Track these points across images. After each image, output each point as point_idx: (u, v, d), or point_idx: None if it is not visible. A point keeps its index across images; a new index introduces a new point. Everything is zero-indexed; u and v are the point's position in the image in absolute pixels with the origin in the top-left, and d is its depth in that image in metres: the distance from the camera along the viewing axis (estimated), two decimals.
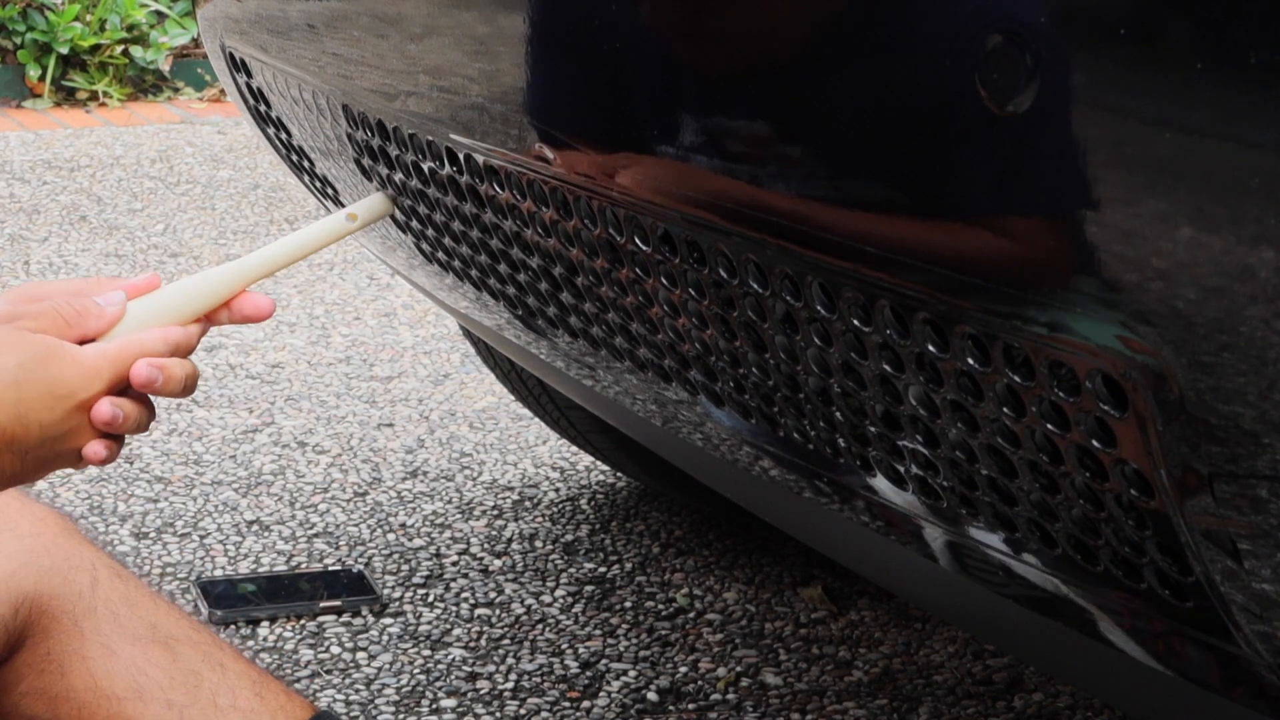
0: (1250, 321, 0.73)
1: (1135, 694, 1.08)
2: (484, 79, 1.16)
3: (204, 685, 1.27)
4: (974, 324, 0.87)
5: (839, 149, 0.91)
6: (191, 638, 1.30)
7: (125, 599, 1.30)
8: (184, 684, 1.27)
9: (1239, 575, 0.82)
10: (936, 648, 2.01)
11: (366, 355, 3.02)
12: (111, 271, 3.49)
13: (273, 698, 1.29)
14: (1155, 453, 0.81)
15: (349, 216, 1.25)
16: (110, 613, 1.28)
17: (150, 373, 1.10)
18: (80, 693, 1.26)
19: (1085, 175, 0.77)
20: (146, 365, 1.10)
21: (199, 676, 1.28)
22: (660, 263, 1.09)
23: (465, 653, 1.99)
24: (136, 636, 1.28)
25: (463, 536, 2.30)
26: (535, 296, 1.33)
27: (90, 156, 4.53)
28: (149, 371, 1.10)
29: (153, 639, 1.29)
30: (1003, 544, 1.00)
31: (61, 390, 1.07)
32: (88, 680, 1.27)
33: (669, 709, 1.88)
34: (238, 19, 1.55)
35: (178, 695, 1.27)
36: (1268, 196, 0.70)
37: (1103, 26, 0.74)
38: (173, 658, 1.28)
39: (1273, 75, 0.69)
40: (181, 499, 2.38)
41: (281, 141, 1.69)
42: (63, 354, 1.08)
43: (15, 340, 1.07)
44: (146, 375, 1.10)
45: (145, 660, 1.27)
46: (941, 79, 0.82)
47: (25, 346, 1.06)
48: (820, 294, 0.97)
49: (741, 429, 1.20)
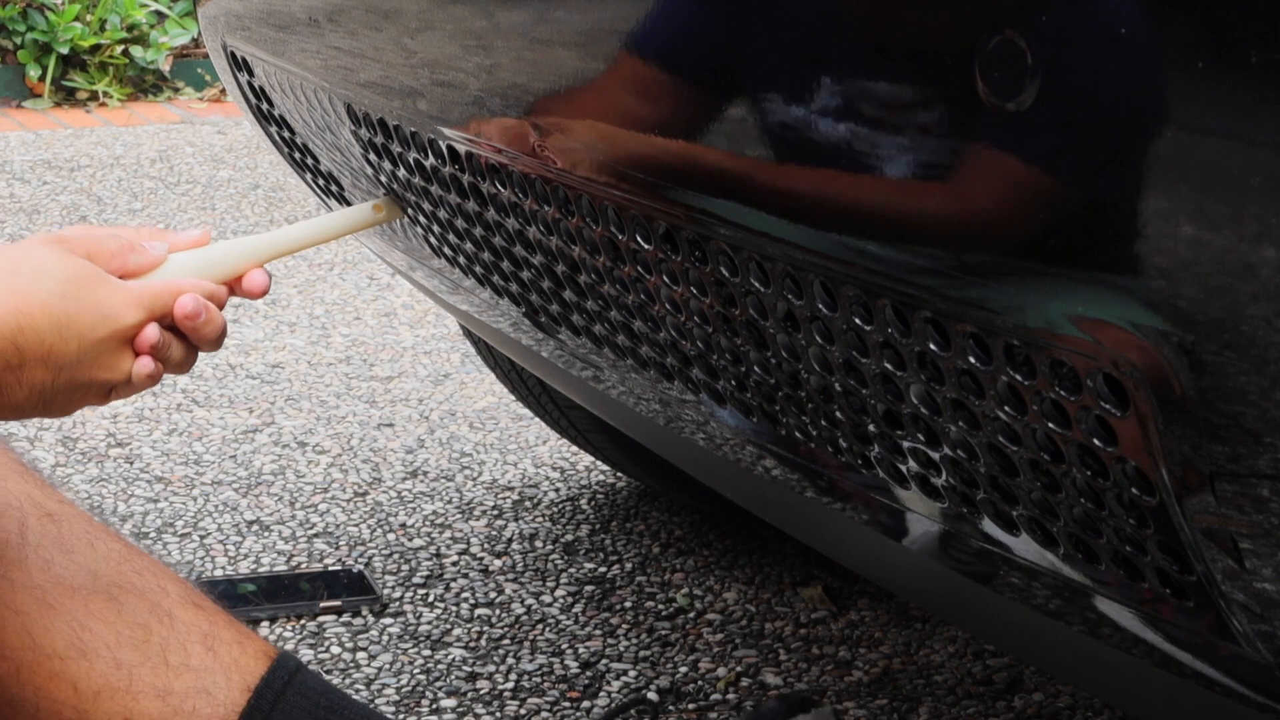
0: (1252, 320, 0.73)
1: (1135, 694, 1.08)
2: (487, 75, 1.17)
3: (153, 640, 1.20)
4: (975, 322, 0.87)
5: (839, 148, 0.91)
6: (135, 585, 1.21)
7: (59, 543, 1.21)
8: (131, 639, 1.19)
9: (1240, 574, 0.82)
10: (936, 648, 2.01)
11: (366, 355, 3.02)
12: None
13: (225, 650, 1.21)
14: (1156, 451, 0.81)
15: (375, 207, 1.31)
16: (43, 561, 1.19)
17: (196, 305, 1.12)
18: (17, 650, 1.18)
19: (1086, 174, 0.77)
20: (193, 298, 1.12)
21: (147, 630, 1.20)
22: (662, 260, 1.09)
23: (465, 653, 1.99)
24: (75, 587, 1.19)
25: (463, 536, 2.30)
26: (538, 294, 1.33)
27: (90, 156, 4.53)
28: (195, 304, 1.12)
29: (94, 589, 1.20)
30: (1003, 542, 1.00)
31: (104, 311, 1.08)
32: (24, 638, 1.18)
33: (669, 709, 1.88)
34: (239, 17, 1.55)
35: (125, 653, 1.19)
36: (1268, 195, 0.70)
37: (1103, 26, 0.75)
38: (117, 610, 1.20)
39: (1273, 75, 0.69)
40: (181, 499, 2.38)
41: (284, 140, 1.69)
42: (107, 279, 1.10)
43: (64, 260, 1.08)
44: (193, 306, 1.12)
45: (87, 614, 1.19)
46: (942, 76, 0.82)
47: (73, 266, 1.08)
48: (821, 292, 0.97)
49: (743, 428, 1.20)
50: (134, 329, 1.10)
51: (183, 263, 1.16)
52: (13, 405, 1.07)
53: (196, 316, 1.12)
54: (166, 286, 1.12)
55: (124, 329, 1.10)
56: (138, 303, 1.10)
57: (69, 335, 1.07)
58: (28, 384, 1.06)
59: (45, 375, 1.06)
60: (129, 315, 1.10)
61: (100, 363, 1.09)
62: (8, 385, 1.05)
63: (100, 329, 1.08)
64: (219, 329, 1.14)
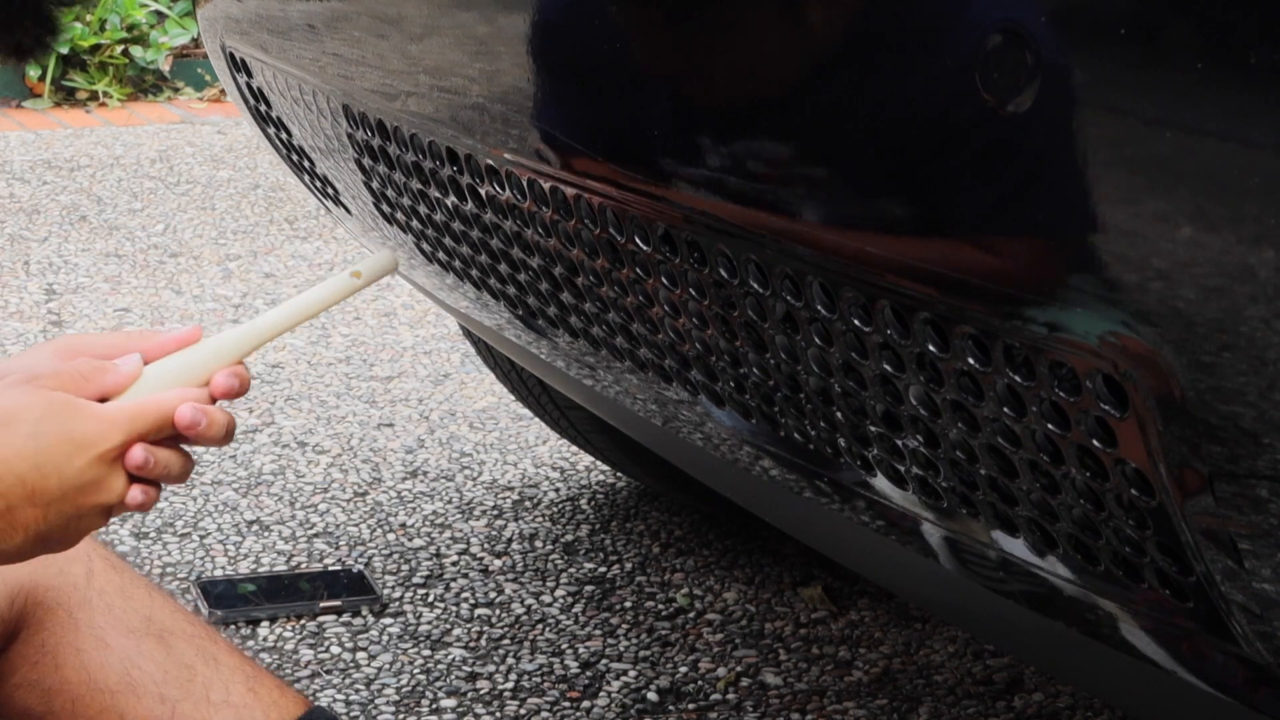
0: (1250, 321, 0.73)
1: (1135, 693, 1.08)
2: (484, 79, 1.16)
3: (197, 679, 1.28)
4: (974, 324, 0.87)
5: (839, 149, 0.91)
6: (186, 631, 1.30)
7: (120, 591, 1.30)
8: (177, 678, 1.28)
9: (1239, 574, 0.82)
10: (936, 648, 2.01)
11: (366, 355, 3.02)
12: (112, 270, 3.49)
13: (266, 693, 1.29)
14: (1155, 452, 0.81)
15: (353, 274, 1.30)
16: (105, 605, 1.28)
17: (194, 415, 1.10)
18: (74, 685, 1.27)
19: (1085, 175, 0.77)
20: (190, 408, 1.10)
21: (192, 670, 1.28)
22: (660, 262, 1.09)
23: (465, 653, 1.99)
24: (131, 629, 1.28)
25: (463, 536, 2.30)
26: (536, 296, 1.33)
27: (90, 156, 4.53)
28: (193, 414, 1.10)
29: (147, 632, 1.29)
30: (1003, 543, 1.00)
31: (79, 440, 1.08)
32: (81, 673, 1.27)
33: (669, 709, 1.88)
34: (238, 19, 1.55)
35: (171, 689, 1.27)
36: (1267, 196, 0.70)
37: (1103, 26, 0.74)
38: (166, 651, 1.28)
39: (1273, 75, 0.69)
40: (181, 499, 2.38)
41: (282, 141, 1.69)
42: (79, 407, 1.09)
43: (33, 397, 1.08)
44: (191, 416, 1.10)
45: (139, 653, 1.28)
46: (942, 78, 0.82)
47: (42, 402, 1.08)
48: (820, 294, 0.97)
49: (742, 429, 1.20)
50: (117, 450, 1.09)
51: (159, 374, 1.13)
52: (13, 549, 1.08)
53: (197, 425, 1.11)
54: (144, 405, 1.11)
55: (104, 453, 1.09)
56: (114, 425, 1.09)
57: (48, 472, 1.07)
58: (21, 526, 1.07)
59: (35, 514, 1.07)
60: (108, 439, 1.09)
61: (87, 490, 1.09)
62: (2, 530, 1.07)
63: (78, 459, 1.08)
64: (224, 427, 1.12)
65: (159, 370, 1.14)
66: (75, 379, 1.11)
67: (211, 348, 1.15)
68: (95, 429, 1.09)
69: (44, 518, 1.08)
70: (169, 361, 1.14)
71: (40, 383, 1.10)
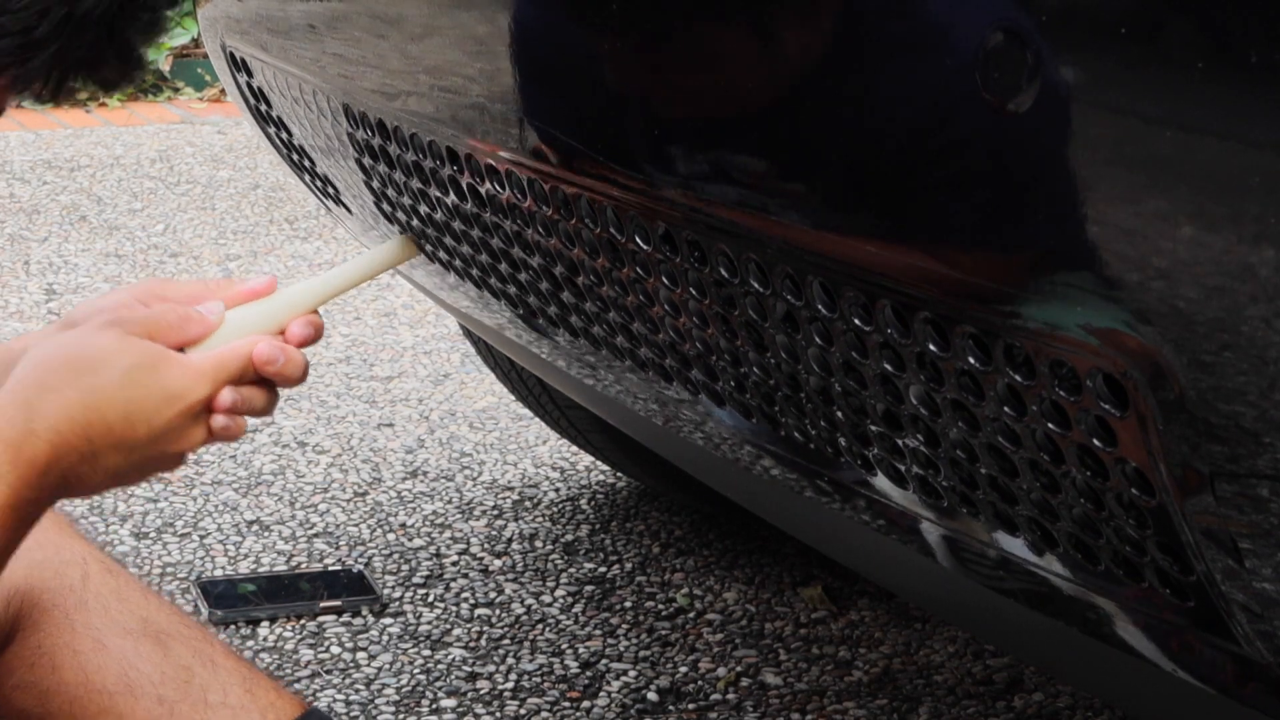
0: (1251, 320, 0.73)
1: (1135, 693, 1.08)
2: (484, 79, 1.17)
3: (195, 681, 1.28)
4: (974, 323, 0.87)
5: (838, 148, 0.91)
6: (183, 633, 1.31)
7: (116, 593, 1.30)
8: (175, 679, 1.28)
9: (1240, 574, 0.82)
10: (936, 648, 2.01)
11: (366, 355, 3.02)
12: (112, 270, 3.49)
13: (263, 694, 1.30)
14: (1156, 452, 0.81)
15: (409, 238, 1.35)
16: (101, 607, 1.29)
17: (272, 350, 1.15)
18: (71, 687, 1.27)
19: (1086, 174, 0.77)
20: (269, 344, 1.15)
21: (190, 672, 1.28)
22: (661, 262, 1.09)
23: (465, 653, 1.99)
24: (128, 630, 1.29)
25: (463, 536, 2.30)
26: (536, 296, 1.33)
27: (90, 156, 4.53)
28: (271, 349, 1.15)
29: (144, 633, 1.29)
30: (1003, 542, 1.00)
31: (169, 392, 1.11)
32: (79, 674, 1.27)
33: (669, 709, 1.88)
34: (238, 19, 1.55)
35: (168, 690, 1.27)
36: (1268, 195, 0.70)
37: (1103, 26, 0.75)
38: (164, 653, 1.29)
39: (1273, 75, 0.69)
40: (181, 499, 2.38)
41: (282, 141, 1.69)
42: (170, 360, 1.12)
43: (125, 346, 1.11)
44: (269, 352, 1.15)
45: (136, 655, 1.28)
46: (942, 78, 0.82)
47: (135, 352, 1.11)
48: (821, 293, 0.97)
49: (742, 428, 1.20)
50: (203, 402, 1.13)
51: (240, 321, 1.17)
52: (90, 487, 1.11)
53: (275, 361, 1.15)
54: (226, 356, 1.14)
55: (192, 405, 1.12)
56: (201, 376, 1.13)
57: (137, 421, 1.10)
58: (103, 470, 1.10)
59: (119, 459, 1.10)
60: (196, 391, 1.12)
61: (171, 439, 1.12)
62: (85, 474, 1.09)
63: (167, 410, 1.11)
64: (301, 367, 1.17)
65: (238, 317, 1.17)
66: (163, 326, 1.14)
67: (286, 298, 1.20)
68: (184, 382, 1.12)
69: (126, 461, 1.11)
70: (247, 309, 1.18)
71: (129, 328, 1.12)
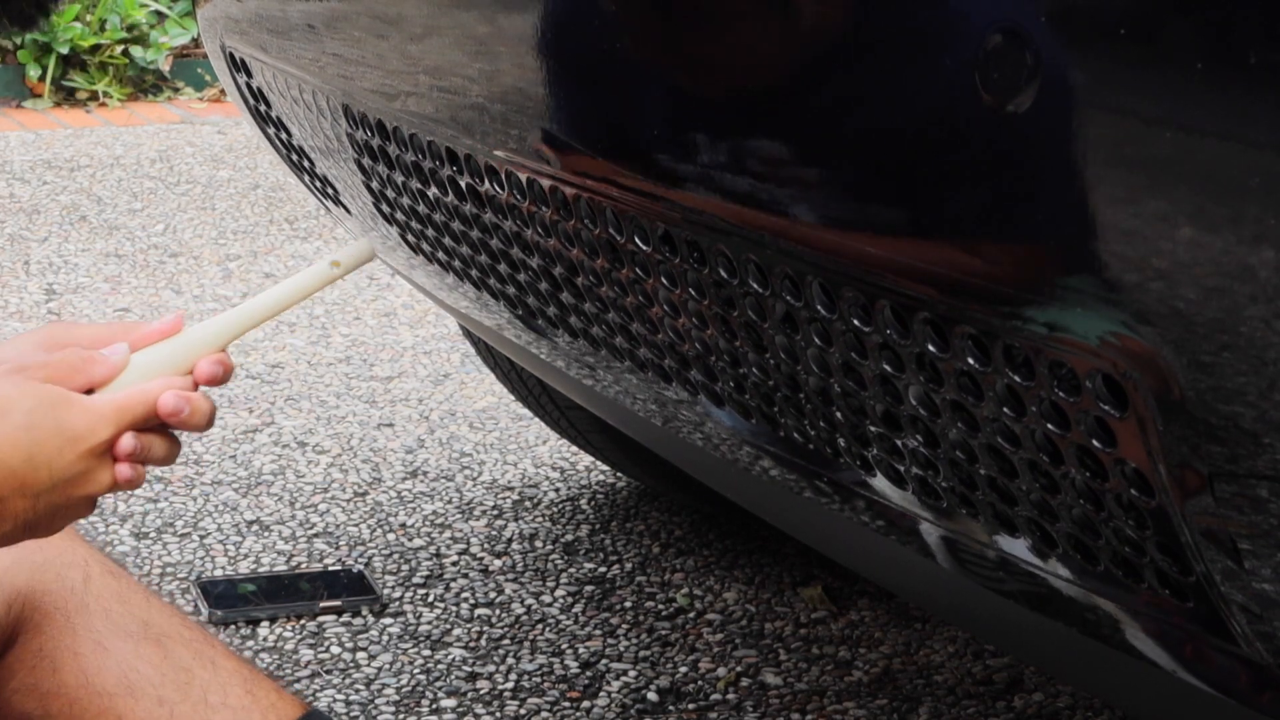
0: (1250, 321, 0.73)
1: (1135, 693, 1.08)
2: (484, 79, 1.16)
3: (195, 682, 1.28)
4: (974, 324, 0.87)
5: (838, 148, 0.91)
6: (184, 635, 1.31)
7: (118, 595, 1.30)
8: (175, 680, 1.28)
9: (1239, 575, 0.82)
10: (936, 648, 2.01)
11: (366, 355, 3.02)
12: (112, 270, 3.49)
13: (264, 695, 1.30)
14: (1155, 452, 0.81)
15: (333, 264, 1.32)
16: (103, 609, 1.29)
17: (177, 402, 1.13)
18: (72, 689, 1.27)
19: (1085, 174, 0.77)
20: (174, 395, 1.13)
21: (190, 673, 1.29)
22: (660, 262, 1.09)
23: (465, 653, 1.99)
24: (128, 633, 1.29)
25: (463, 536, 2.30)
26: (536, 296, 1.33)
27: (90, 156, 4.53)
28: (176, 401, 1.13)
29: (145, 635, 1.29)
30: (1003, 543, 1.00)
31: (71, 433, 1.10)
32: (79, 676, 1.27)
33: (669, 709, 1.88)
34: (238, 19, 1.55)
35: (169, 692, 1.28)
36: (1268, 196, 0.70)
37: (1103, 26, 0.74)
38: (164, 654, 1.29)
39: (1273, 75, 0.69)
40: (181, 499, 2.38)
41: (282, 141, 1.69)
42: (71, 401, 1.11)
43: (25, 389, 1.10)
44: (174, 404, 1.13)
45: (137, 657, 1.28)
46: (942, 78, 0.82)
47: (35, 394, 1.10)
48: (820, 294, 0.97)
49: (741, 429, 1.20)
50: (106, 444, 1.11)
51: (146, 363, 1.15)
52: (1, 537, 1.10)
53: (180, 412, 1.13)
54: (130, 399, 1.13)
55: (94, 447, 1.11)
56: (102, 418, 1.11)
57: (39, 464, 1.09)
58: (9, 516, 1.09)
59: (25, 504, 1.09)
60: (98, 433, 1.11)
61: (76, 482, 1.11)
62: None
63: (69, 452, 1.10)
64: (206, 415, 1.15)
65: (144, 359, 1.16)
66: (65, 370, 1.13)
67: (195, 336, 1.17)
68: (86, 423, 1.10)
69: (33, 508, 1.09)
70: (153, 351, 1.16)
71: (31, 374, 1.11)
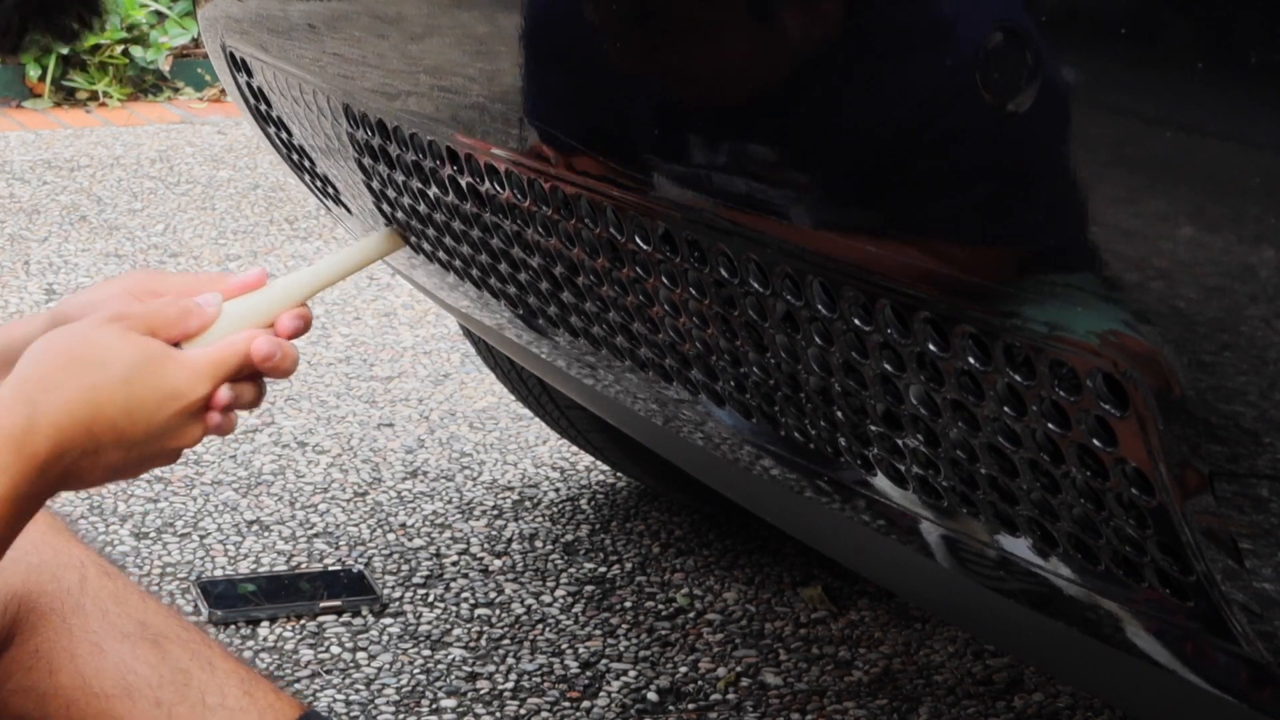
0: (1250, 321, 0.73)
1: (1135, 693, 1.08)
2: (484, 79, 1.17)
3: (192, 683, 1.29)
4: (974, 323, 0.87)
5: (838, 149, 0.91)
6: (180, 636, 1.31)
7: (114, 596, 1.31)
8: (172, 682, 1.28)
9: (1239, 574, 0.82)
10: (936, 648, 2.01)
11: (366, 355, 3.02)
12: (112, 270, 3.49)
13: (261, 696, 1.30)
14: (1156, 452, 0.81)
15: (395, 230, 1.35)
16: (99, 610, 1.29)
17: (271, 346, 1.17)
18: (68, 690, 1.27)
19: (1085, 174, 0.77)
20: (267, 340, 1.17)
21: (188, 674, 1.29)
22: (661, 262, 1.09)
23: (465, 653, 1.99)
24: (125, 634, 1.29)
25: (463, 536, 2.30)
26: (536, 296, 1.33)
27: (90, 156, 4.53)
28: (270, 345, 1.17)
29: (141, 637, 1.30)
30: (1003, 543, 1.00)
31: (170, 390, 1.12)
32: (76, 678, 1.27)
33: (669, 709, 1.88)
34: (238, 19, 1.55)
35: (166, 693, 1.28)
36: (1268, 196, 0.70)
37: (1103, 26, 0.75)
38: (161, 655, 1.29)
39: (1273, 75, 0.69)
40: (181, 499, 2.38)
41: (282, 141, 1.69)
42: (171, 358, 1.13)
43: (127, 342, 1.12)
44: (268, 348, 1.17)
45: (134, 658, 1.28)
46: (942, 78, 0.82)
47: (136, 349, 1.12)
48: (821, 293, 0.97)
49: (742, 428, 1.20)
50: (202, 400, 1.14)
51: (235, 314, 1.19)
52: (90, 482, 1.12)
53: (273, 356, 1.16)
54: (224, 353, 1.15)
55: (192, 403, 1.13)
56: (199, 375, 1.14)
57: (138, 418, 1.11)
58: (103, 465, 1.11)
59: (119, 454, 1.11)
60: (196, 390, 1.13)
61: (170, 436, 1.13)
62: (84, 469, 1.10)
63: (167, 408, 1.12)
64: (293, 360, 1.19)
65: (235, 310, 1.19)
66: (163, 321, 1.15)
67: (278, 290, 1.21)
68: (185, 381, 1.13)
69: (125, 457, 1.12)
70: (242, 302, 1.20)
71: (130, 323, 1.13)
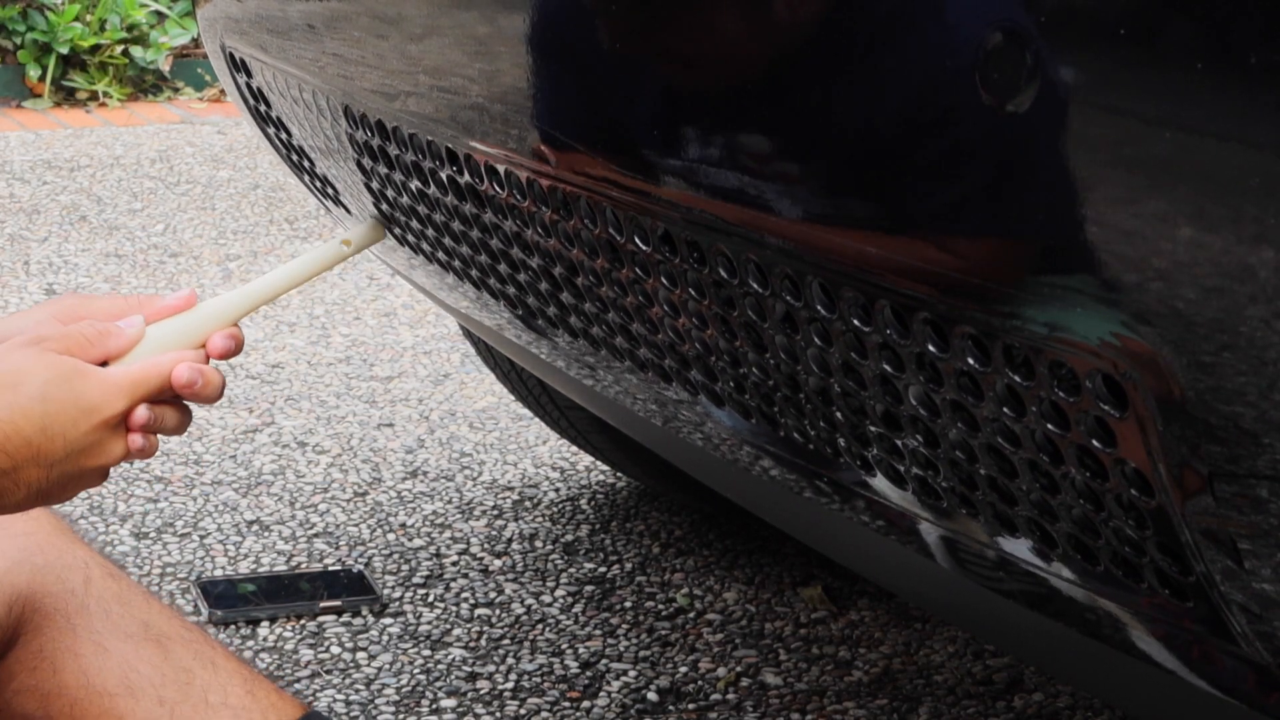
0: (1250, 321, 0.73)
1: (1135, 693, 1.08)
2: (484, 79, 1.17)
3: (195, 682, 1.29)
4: (974, 324, 0.87)
5: (838, 149, 0.91)
6: (184, 636, 1.32)
7: (118, 597, 1.31)
8: (176, 681, 1.29)
9: (1239, 574, 0.82)
10: (936, 648, 2.01)
11: (366, 355, 3.02)
12: (112, 270, 3.49)
13: (264, 695, 1.30)
14: (1155, 452, 0.81)
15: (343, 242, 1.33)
16: (103, 610, 1.30)
17: (191, 374, 1.16)
18: (72, 689, 1.28)
19: (1085, 174, 0.77)
20: (188, 368, 1.16)
21: (191, 674, 1.29)
22: (660, 263, 1.09)
23: (465, 653, 1.99)
24: (129, 634, 1.30)
25: (463, 536, 2.30)
26: (536, 296, 1.33)
27: (90, 156, 4.53)
28: (190, 373, 1.16)
29: (145, 636, 1.30)
30: (1002, 543, 1.00)
31: (85, 405, 1.12)
32: (80, 677, 1.28)
33: (669, 709, 1.88)
34: (238, 19, 1.55)
35: (169, 692, 1.28)
36: (1267, 196, 0.70)
37: (1103, 26, 0.74)
38: (165, 655, 1.29)
39: (1273, 75, 0.69)
40: (181, 499, 2.38)
41: (282, 141, 1.69)
42: (86, 373, 1.13)
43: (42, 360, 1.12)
44: (188, 376, 1.16)
45: (137, 657, 1.29)
46: (941, 78, 0.82)
47: (51, 366, 1.12)
48: (820, 294, 0.97)
49: (742, 429, 1.20)
50: (120, 415, 1.14)
51: (160, 336, 1.17)
52: (13, 504, 1.12)
53: (194, 384, 1.16)
54: (144, 372, 1.15)
55: (109, 419, 1.13)
56: (117, 390, 1.13)
57: (54, 435, 1.11)
58: (24, 484, 1.11)
59: (39, 474, 1.11)
60: (113, 405, 1.13)
61: (90, 453, 1.13)
62: (5, 489, 1.10)
63: (84, 423, 1.12)
64: (218, 387, 1.18)
65: (159, 333, 1.18)
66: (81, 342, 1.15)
67: (208, 311, 1.19)
68: (101, 395, 1.12)
69: (46, 477, 1.11)
70: (168, 324, 1.18)
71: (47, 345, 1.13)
